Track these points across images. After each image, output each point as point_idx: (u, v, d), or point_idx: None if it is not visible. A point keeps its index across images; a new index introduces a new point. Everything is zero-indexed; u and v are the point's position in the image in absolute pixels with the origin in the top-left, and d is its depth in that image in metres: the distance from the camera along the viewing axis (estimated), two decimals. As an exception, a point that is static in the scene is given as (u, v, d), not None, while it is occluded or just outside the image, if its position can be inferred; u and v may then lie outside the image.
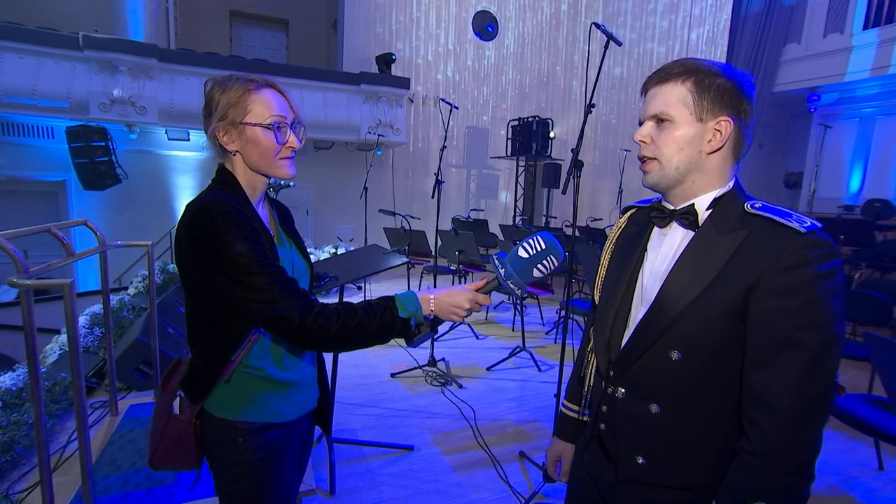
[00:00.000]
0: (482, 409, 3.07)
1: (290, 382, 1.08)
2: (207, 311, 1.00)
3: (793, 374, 0.72)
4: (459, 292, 1.01)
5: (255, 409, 1.03)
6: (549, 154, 8.46)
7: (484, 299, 1.01)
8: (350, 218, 7.91)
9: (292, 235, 1.16)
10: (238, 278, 0.91)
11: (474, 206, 9.19)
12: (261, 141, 0.99)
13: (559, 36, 9.81)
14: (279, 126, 1.01)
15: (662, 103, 0.83)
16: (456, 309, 1.00)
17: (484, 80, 9.32)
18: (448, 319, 1.02)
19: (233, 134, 1.00)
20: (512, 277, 0.95)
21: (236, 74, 1.01)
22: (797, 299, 0.72)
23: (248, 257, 0.91)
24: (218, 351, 1.00)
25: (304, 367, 1.12)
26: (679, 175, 0.84)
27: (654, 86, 0.85)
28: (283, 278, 0.95)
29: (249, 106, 0.98)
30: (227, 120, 0.98)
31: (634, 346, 0.87)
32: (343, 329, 0.94)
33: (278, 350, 1.05)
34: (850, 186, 8.61)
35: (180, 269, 0.99)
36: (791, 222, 0.75)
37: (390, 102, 7.61)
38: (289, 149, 1.03)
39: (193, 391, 1.03)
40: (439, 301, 1.00)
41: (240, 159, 1.03)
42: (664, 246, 0.89)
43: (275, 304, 0.91)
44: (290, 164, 1.05)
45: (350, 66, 7.86)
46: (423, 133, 8.89)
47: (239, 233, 0.92)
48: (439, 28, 8.80)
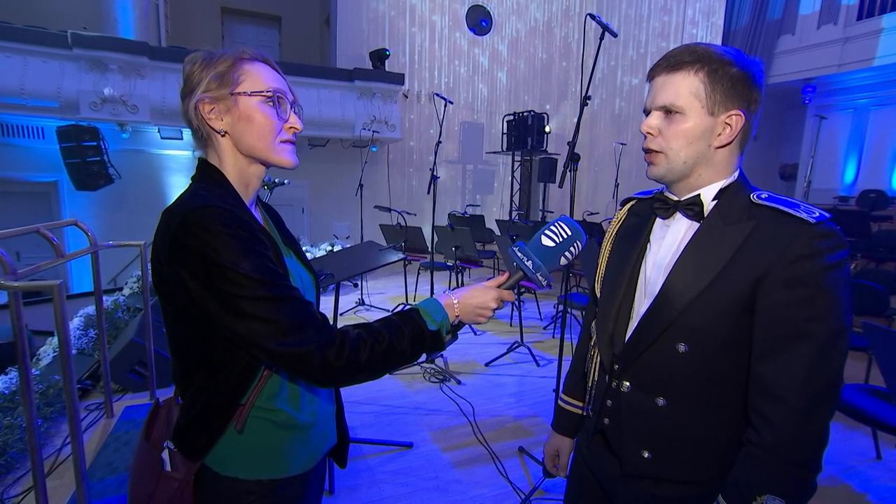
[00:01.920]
0: (481, 404, 3.06)
1: (311, 423, 0.89)
2: (202, 343, 0.79)
3: (802, 366, 0.70)
4: (483, 290, 0.90)
5: (275, 464, 0.85)
6: (545, 149, 8.43)
7: (508, 296, 0.91)
8: (346, 215, 7.87)
9: (290, 242, 0.98)
10: (241, 307, 0.72)
11: (470, 201, 9.16)
12: (257, 116, 0.81)
13: (553, 30, 9.77)
14: (279, 99, 0.83)
15: (673, 94, 0.79)
16: (482, 310, 0.89)
17: (478, 75, 9.28)
18: (474, 323, 0.89)
19: (220, 107, 0.81)
20: (540, 269, 0.87)
21: (222, 50, 0.84)
22: (807, 290, 0.71)
23: (255, 278, 0.73)
24: (221, 393, 0.80)
25: (324, 402, 0.95)
26: (686, 169, 0.82)
27: (664, 74, 0.81)
28: (298, 303, 0.77)
29: (242, 74, 0.81)
30: (214, 90, 0.80)
31: (639, 340, 0.85)
32: (373, 357, 0.78)
33: (294, 385, 0.87)
34: (845, 177, 8.63)
35: (160, 293, 0.79)
36: (799, 213, 0.74)
37: (384, 99, 7.57)
38: (291, 129, 0.86)
39: (192, 446, 0.82)
40: (463, 304, 0.88)
41: (228, 144, 0.84)
42: (668, 237, 0.87)
43: (287, 338, 0.73)
44: (292, 151, 0.88)
45: (344, 62, 7.80)
46: (418, 129, 8.85)
47: (241, 246, 0.73)
48: (433, 23, 8.74)
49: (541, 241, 0.90)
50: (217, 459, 0.82)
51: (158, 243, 0.77)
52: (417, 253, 5.06)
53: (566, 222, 0.90)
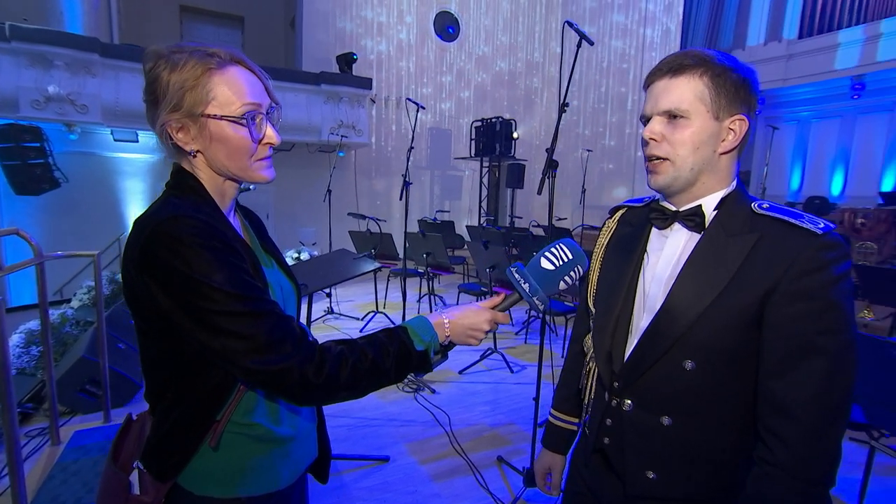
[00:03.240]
0: (457, 413, 3.01)
1: (290, 437, 0.85)
2: (175, 358, 0.76)
3: (814, 382, 0.69)
4: (475, 312, 0.87)
5: (253, 480, 0.80)
6: (513, 154, 8.52)
7: (503, 318, 0.89)
8: (312, 221, 7.68)
9: (271, 250, 0.93)
10: (214, 323, 0.69)
11: (438, 207, 9.13)
12: (230, 138, 0.76)
13: (519, 37, 9.91)
14: (254, 117, 0.78)
15: (677, 98, 0.77)
16: (474, 331, 0.86)
17: (446, 81, 9.29)
18: (465, 344, 0.87)
19: (191, 129, 0.76)
20: (538, 293, 0.84)
21: (188, 45, 0.76)
22: (816, 304, 0.69)
23: (229, 292, 0.69)
24: (195, 409, 0.76)
25: (305, 415, 0.90)
26: (692, 177, 0.79)
27: (665, 78, 0.79)
28: (276, 318, 0.73)
29: (212, 91, 0.75)
30: (183, 111, 0.74)
31: (642, 357, 0.81)
32: (355, 375, 0.75)
33: (272, 399, 0.83)
34: (792, 184, 9.15)
35: (131, 306, 0.76)
36: (804, 223, 0.73)
37: (352, 103, 7.45)
38: (266, 146, 0.81)
39: (162, 465, 0.77)
40: (455, 325, 0.85)
41: (201, 161, 0.79)
42: (667, 249, 0.84)
43: (265, 355, 0.69)
44: (269, 166, 0.83)
45: (309, 65, 7.64)
46: (386, 134, 8.77)
47: (216, 258, 0.69)
48: (400, 28, 8.70)
49: (540, 264, 0.86)
50: (191, 478, 0.78)
51: (129, 254, 0.73)
52: (388, 260, 4.97)
53: (567, 245, 0.86)
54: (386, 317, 5.06)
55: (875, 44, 7.30)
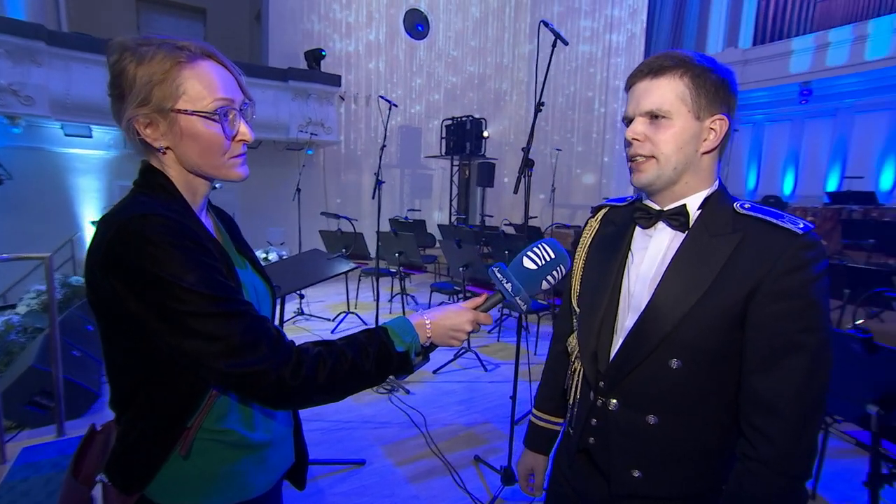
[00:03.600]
0: (432, 414, 2.99)
1: (266, 443, 0.82)
2: (142, 363, 0.72)
3: (796, 378, 0.71)
4: (457, 312, 0.86)
5: (227, 488, 0.77)
6: (483, 153, 8.56)
7: (485, 318, 0.88)
8: (280, 221, 7.49)
9: (245, 250, 0.91)
10: (186, 325, 0.66)
11: (409, 206, 9.08)
12: (202, 135, 0.74)
13: (489, 37, 9.96)
14: (226, 113, 0.75)
15: (659, 99, 0.78)
16: (456, 333, 0.85)
17: (416, 79, 9.24)
18: (446, 345, 0.86)
19: (161, 125, 0.73)
20: (520, 292, 0.84)
21: (155, 38, 0.73)
22: (798, 302, 0.71)
23: (201, 292, 0.67)
24: (164, 417, 0.73)
25: (281, 419, 0.88)
26: (675, 176, 0.80)
27: (646, 79, 0.80)
28: (250, 318, 0.71)
29: (182, 85, 0.72)
30: (152, 105, 0.71)
31: (628, 356, 0.82)
32: (333, 377, 0.73)
33: (246, 404, 0.80)
34: (748, 184, 9.58)
35: (95, 310, 0.73)
36: (785, 223, 0.74)
37: (321, 100, 7.30)
38: (240, 143, 0.79)
39: (128, 477, 0.74)
40: (436, 325, 0.84)
41: (171, 158, 0.76)
42: (651, 248, 0.85)
43: (240, 357, 0.67)
44: (243, 163, 0.80)
45: (276, 61, 7.43)
46: (355, 132, 8.64)
47: (187, 257, 0.67)
48: (370, 25, 8.59)
49: (522, 263, 0.86)
50: (161, 489, 0.74)
51: (93, 255, 0.69)
52: (359, 259, 4.91)
53: (550, 244, 0.87)
54: (357, 317, 4.99)
55: (824, 52, 7.73)
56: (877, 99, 7.76)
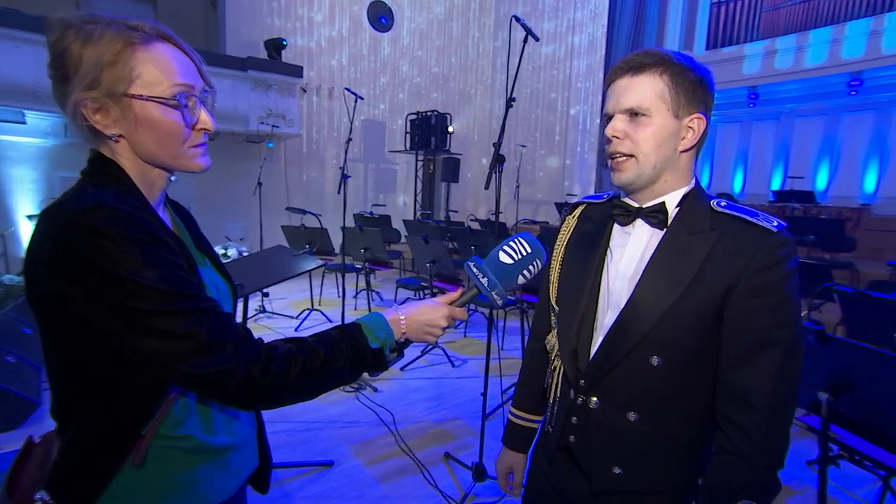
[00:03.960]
0: (400, 411, 2.97)
1: (228, 446, 0.79)
2: (90, 366, 0.67)
3: (771, 373, 0.73)
4: (432, 308, 0.84)
5: (187, 496, 0.73)
6: (448, 149, 8.55)
7: (461, 313, 0.87)
8: (240, 215, 7.22)
9: (205, 247, 0.87)
10: (147, 324, 0.62)
11: (374, 201, 8.96)
12: (159, 122, 0.69)
13: (454, 32, 9.93)
14: (186, 99, 0.71)
15: (639, 96, 0.78)
16: (431, 328, 0.84)
17: (380, 72, 9.10)
18: (422, 341, 0.85)
19: (112, 111, 0.67)
20: (496, 287, 0.83)
21: (102, 16, 0.67)
22: (773, 298, 0.74)
23: (162, 289, 0.62)
24: (115, 425, 0.68)
25: (244, 421, 0.84)
26: (655, 174, 0.81)
27: (626, 76, 0.80)
28: (216, 315, 0.68)
29: (137, 68, 0.67)
30: (101, 89, 0.66)
31: (608, 354, 0.83)
32: (305, 375, 0.70)
33: (206, 406, 0.76)
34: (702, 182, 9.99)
35: (36, 309, 0.67)
36: (760, 221, 0.77)
37: (282, 91, 7.07)
38: (201, 132, 0.74)
39: (75, 492, 0.68)
40: (411, 321, 0.82)
41: (124, 147, 0.71)
42: (630, 245, 0.85)
43: (206, 356, 0.64)
44: (204, 153, 0.76)
45: (234, 49, 7.13)
46: (318, 125, 8.44)
47: (145, 252, 0.63)
48: (332, 16, 8.38)
49: (498, 258, 0.85)
50: (113, 503, 0.68)
51: (35, 252, 0.64)
52: (324, 255, 4.81)
53: (526, 238, 0.86)
54: (322, 314, 4.89)
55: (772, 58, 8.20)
56: (814, 105, 8.32)
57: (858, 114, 8.01)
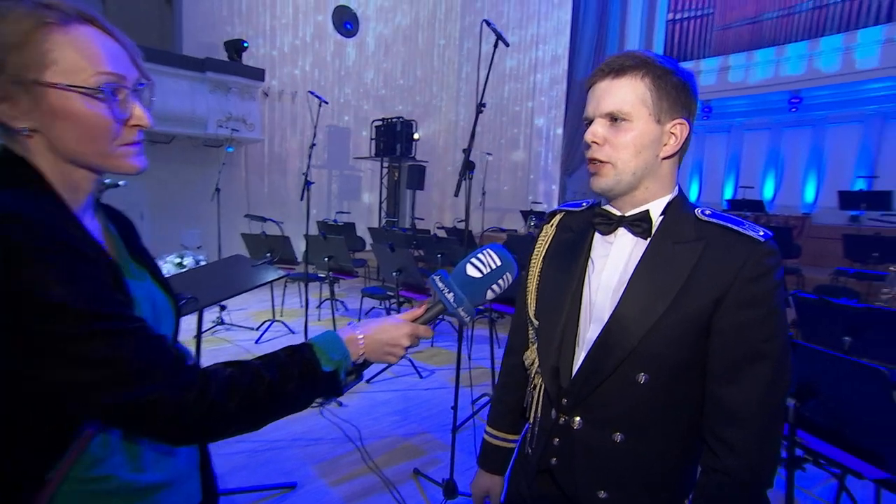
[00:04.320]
0: (367, 426, 2.86)
1: (160, 484, 0.69)
2: None
3: (761, 387, 0.71)
4: (394, 325, 0.78)
5: None
6: (414, 156, 8.51)
7: (425, 331, 0.80)
8: (197, 222, 6.90)
9: (143, 258, 0.77)
10: (61, 349, 0.54)
11: (338, 208, 8.79)
12: (81, 115, 0.60)
13: (419, 40, 9.94)
14: (115, 91, 0.62)
15: (620, 100, 0.75)
16: (392, 348, 0.78)
17: (345, 78, 8.98)
18: (382, 362, 0.79)
19: (22, 101, 0.58)
20: (463, 303, 0.77)
21: None
22: (761, 310, 0.72)
23: (79, 309, 0.54)
24: (14, 470, 0.59)
25: (180, 458, 0.74)
26: (635, 181, 0.78)
27: (607, 79, 0.77)
28: (143, 338, 0.60)
29: (52, 52, 0.58)
30: (7, 75, 0.57)
31: (592, 371, 0.78)
32: (248, 403, 0.63)
33: (131, 442, 0.66)
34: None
35: None
36: (747, 230, 0.74)
37: (242, 95, 6.84)
38: (135, 128, 0.65)
39: None
40: (370, 340, 0.76)
41: (39, 144, 0.61)
42: (613, 255, 0.82)
43: (130, 386, 0.56)
44: (139, 153, 0.67)
45: (192, 50, 6.85)
46: (280, 130, 8.21)
47: (59, 267, 0.54)
48: (296, 19, 8.22)
49: (465, 271, 0.79)
50: None
51: None
52: (286, 264, 4.64)
53: (496, 250, 0.81)
54: (284, 325, 4.71)
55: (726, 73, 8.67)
56: (760, 119, 8.87)
57: (798, 129, 8.63)
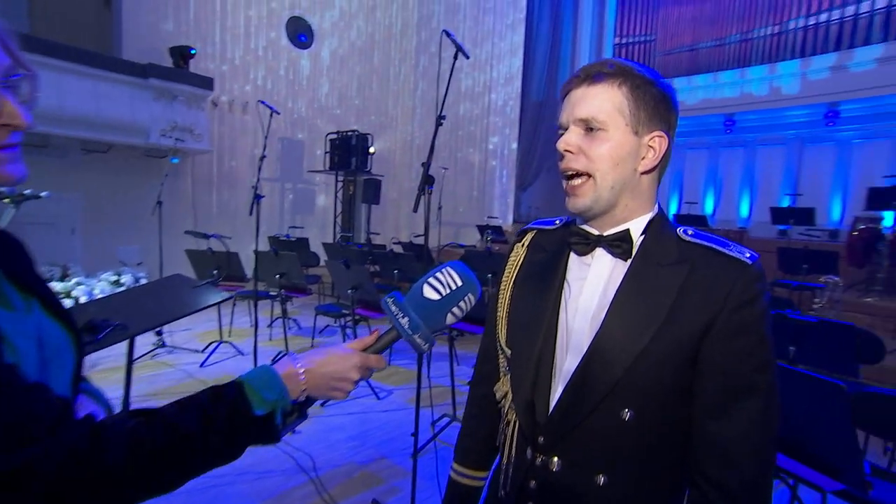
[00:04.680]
0: (321, 454, 2.70)
1: None
2: None
3: (754, 423, 0.67)
4: (341, 356, 0.69)
5: None
6: (369, 170, 8.40)
7: (377, 361, 0.71)
8: (136, 237, 6.45)
9: (31, 285, 0.65)
10: None
11: (290, 223, 8.51)
12: None
13: (376, 56, 9.89)
14: None
15: (595, 107, 0.71)
16: (339, 383, 0.68)
17: (299, 91, 8.78)
18: (328, 398, 0.69)
19: None
20: (419, 329, 0.69)
21: None
22: (752, 338, 0.68)
23: None
24: None
25: None
26: (613, 197, 0.73)
27: (583, 86, 0.72)
28: (13, 388, 0.50)
29: None
30: None
31: (573, 407, 0.72)
32: (155, 463, 0.53)
33: None
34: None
35: None
36: (733, 252, 0.70)
37: (189, 104, 6.51)
38: (7, 129, 0.55)
39: None
40: (313, 374, 0.66)
41: None
42: (591, 278, 0.76)
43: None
44: (14, 160, 0.56)
45: (133, 55, 6.45)
46: (230, 142, 7.88)
47: None
48: (247, 28, 7.97)
49: (422, 293, 0.71)
50: None
51: None
52: (235, 282, 4.40)
53: (456, 269, 0.73)
54: (233, 346, 4.44)
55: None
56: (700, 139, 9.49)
57: (733, 149, 9.35)
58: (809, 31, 8.03)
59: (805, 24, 8.08)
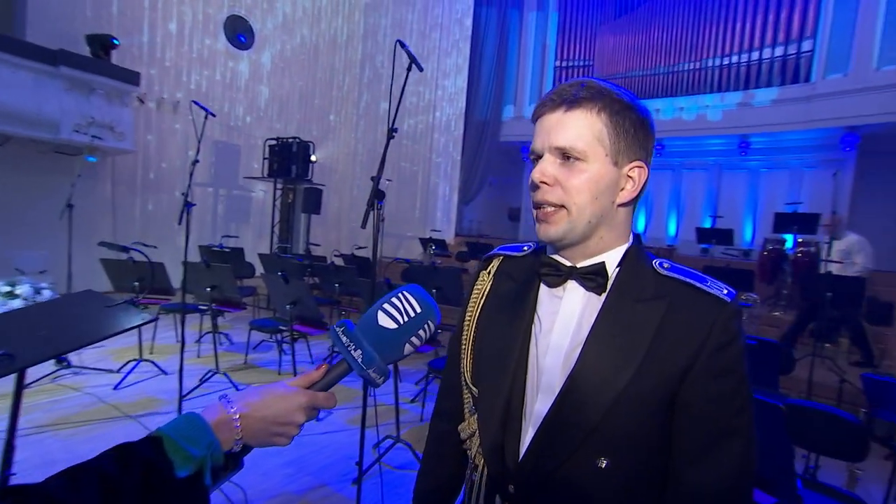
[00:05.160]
0: (253, 484, 2.49)
1: None
2: None
3: (735, 468, 0.64)
4: (283, 396, 0.60)
5: None
6: (310, 178, 8.13)
7: (325, 400, 0.63)
8: (40, 243, 5.77)
9: None
10: None
11: (224, 231, 8.01)
12: None
13: (319, 64, 9.65)
14: None
15: (574, 135, 0.66)
16: (282, 427, 0.59)
17: (236, 92, 8.35)
18: (269, 445, 0.60)
19: None
20: (374, 363, 0.61)
21: None
22: (732, 380, 0.65)
23: None
24: None
25: None
26: (589, 230, 0.69)
27: (559, 111, 0.67)
28: None
29: None
30: None
31: (544, 453, 0.67)
32: None
33: None
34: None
35: None
36: (712, 289, 0.68)
37: (110, 99, 5.96)
38: None
39: None
40: (250, 420, 0.57)
41: None
42: (563, 312, 0.71)
43: None
44: None
45: (42, 38, 5.81)
46: (158, 143, 7.32)
47: None
48: (181, 21, 7.49)
49: (377, 321, 0.64)
50: None
51: None
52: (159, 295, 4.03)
53: (414, 293, 0.66)
54: (154, 365, 4.02)
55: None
56: (653, 161, 10.26)
57: (662, 172, 10.03)
58: (724, 69, 9.04)
59: (721, 63, 9.12)
